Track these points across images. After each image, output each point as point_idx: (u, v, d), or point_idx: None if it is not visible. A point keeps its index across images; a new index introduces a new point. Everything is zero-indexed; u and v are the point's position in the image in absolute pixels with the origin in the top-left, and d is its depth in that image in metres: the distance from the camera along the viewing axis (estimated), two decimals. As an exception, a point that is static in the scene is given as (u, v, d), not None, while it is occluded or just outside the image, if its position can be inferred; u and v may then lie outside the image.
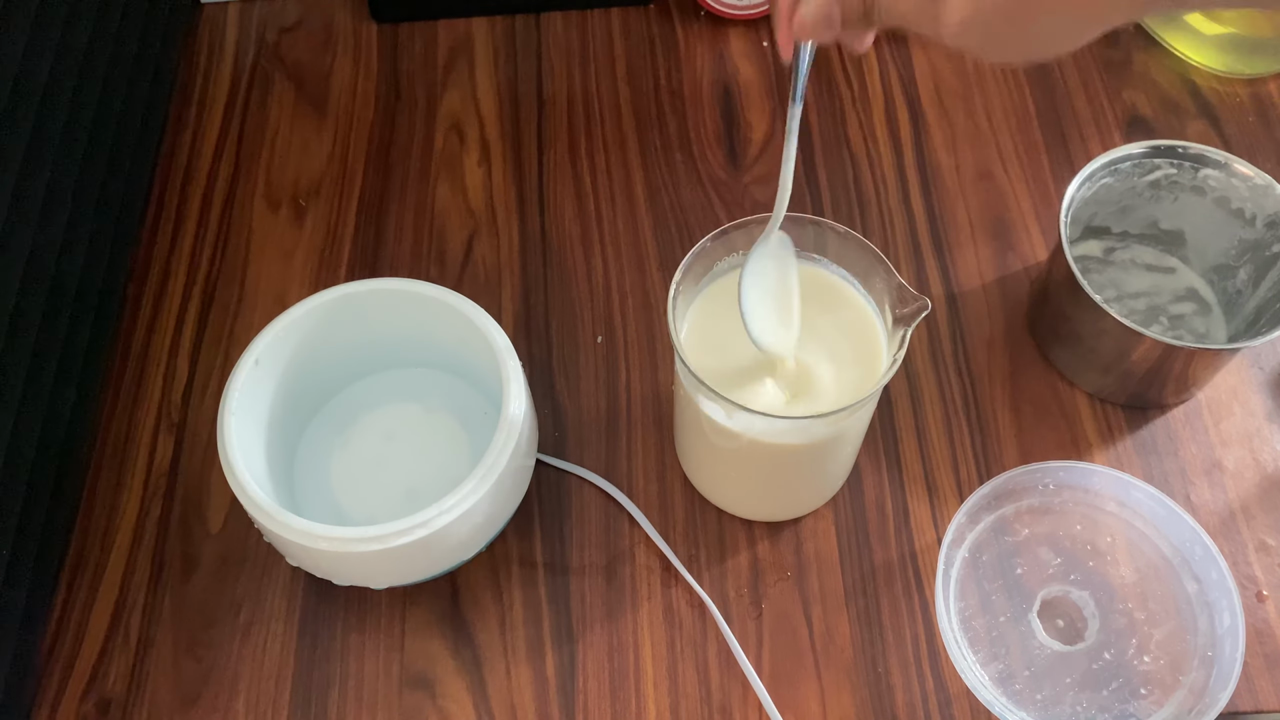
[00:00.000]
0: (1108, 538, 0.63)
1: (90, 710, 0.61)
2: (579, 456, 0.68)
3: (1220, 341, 0.70)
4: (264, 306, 0.74)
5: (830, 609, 0.63)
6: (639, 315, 0.73)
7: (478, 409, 0.67)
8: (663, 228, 0.76)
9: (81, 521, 0.66)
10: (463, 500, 0.55)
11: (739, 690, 0.60)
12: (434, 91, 0.83)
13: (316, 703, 0.61)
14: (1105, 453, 0.67)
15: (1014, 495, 0.64)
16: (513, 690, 0.61)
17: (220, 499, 0.67)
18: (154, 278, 0.75)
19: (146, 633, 0.63)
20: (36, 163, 0.63)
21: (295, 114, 0.83)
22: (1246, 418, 0.68)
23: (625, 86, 0.83)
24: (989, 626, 0.61)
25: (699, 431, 0.60)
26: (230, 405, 0.58)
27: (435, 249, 0.76)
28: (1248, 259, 0.68)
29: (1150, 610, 0.61)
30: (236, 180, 0.80)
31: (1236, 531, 0.65)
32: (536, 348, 0.72)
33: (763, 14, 0.85)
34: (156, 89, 0.81)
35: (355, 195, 0.79)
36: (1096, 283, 0.71)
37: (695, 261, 0.57)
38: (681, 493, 0.66)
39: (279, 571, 0.64)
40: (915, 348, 0.71)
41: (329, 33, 0.87)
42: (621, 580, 0.64)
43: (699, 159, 0.80)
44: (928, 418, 0.69)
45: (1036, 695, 0.59)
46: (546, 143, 0.81)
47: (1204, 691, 0.57)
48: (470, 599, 0.63)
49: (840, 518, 0.65)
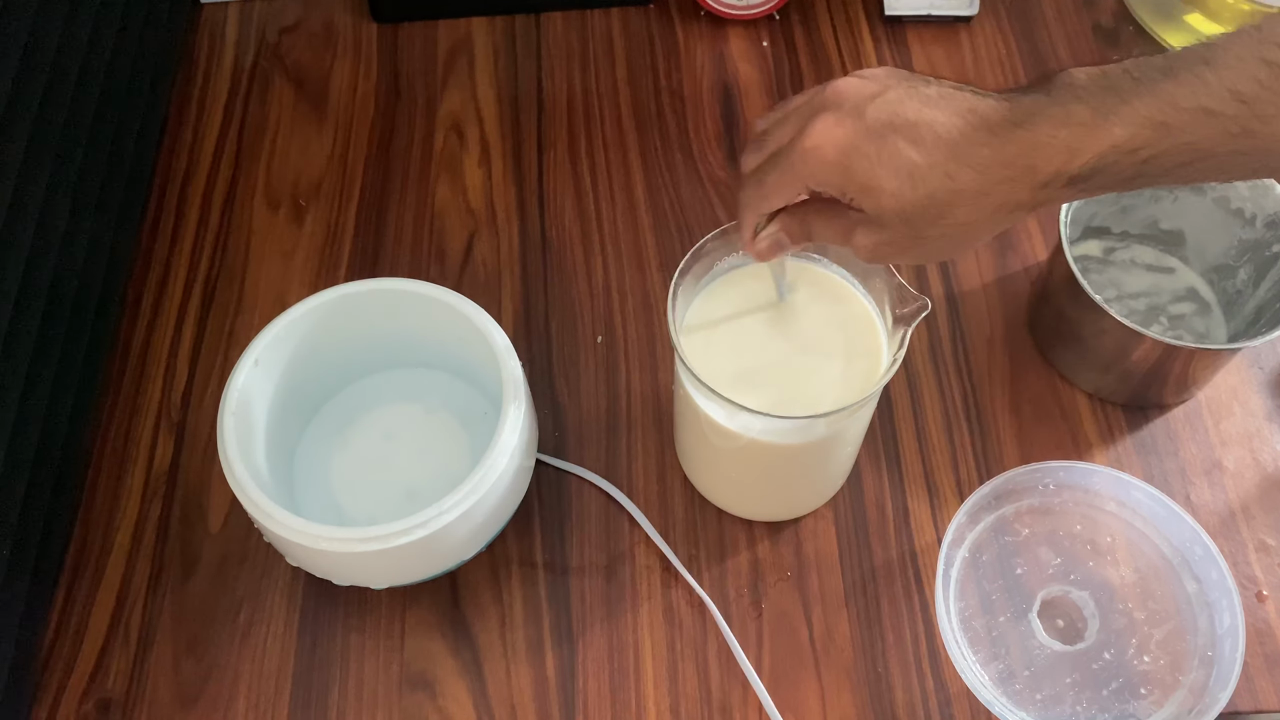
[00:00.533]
0: (1108, 538, 0.63)
1: (90, 710, 0.61)
2: (579, 456, 0.68)
3: (1220, 341, 0.70)
4: (264, 306, 0.74)
5: (830, 609, 0.63)
6: (639, 315, 0.73)
7: (478, 409, 0.67)
8: (663, 228, 0.76)
9: (81, 522, 0.66)
10: (463, 500, 0.55)
11: (739, 690, 0.60)
12: (434, 91, 0.83)
13: (316, 703, 0.61)
14: (1105, 453, 0.67)
15: (1014, 495, 0.64)
16: (513, 690, 0.61)
17: (220, 499, 0.67)
18: (154, 278, 0.75)
19: (146, 633, 0.63)
20: (36, 163, 0.63)
21: (295, 114, 0.83)
22: (1246, 418, 0.68)
23: (625, 86, 0.83)
24: (989, 626, 0.61)
25: (699, 431, 0.60)
26: (230, 405, 0.58)
27: (435, 249, 0.76)
28: (1248, 259, 0.68)
29: (1150, 610, 0.61)
30: (236, 180, 0.80)
31: (1236, 531, 0.65)
32: (536, 348, 0.72)
33: (763, 14, 0.85)
34: (157, 89, 0.81)
35: (355, 195, 0.79)
36: (1096, 283, 0.71)
37: (695, 261, 0.57)
38: (681, 493, 0.66)
39: (279, 571, 0.64)
40: (915, 348, 0.71)
41: (329, 33, 0.87)
42: (621, 580, 0.64)
43: (699, 159, 0.80)
44: (928, 418, 0.69)
45: (1036, 695, 0.59)
46: (546, 143, 0.81)
47: (1204, 691, 0.57)
48: (470, 599, 0.63)
49: (840, 518, 0.65)
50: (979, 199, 0.45)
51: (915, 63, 0.84)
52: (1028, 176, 0.44)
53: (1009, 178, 0.44)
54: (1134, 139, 0.42)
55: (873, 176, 0.45)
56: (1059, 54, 0.84)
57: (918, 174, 0.45)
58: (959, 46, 0.85)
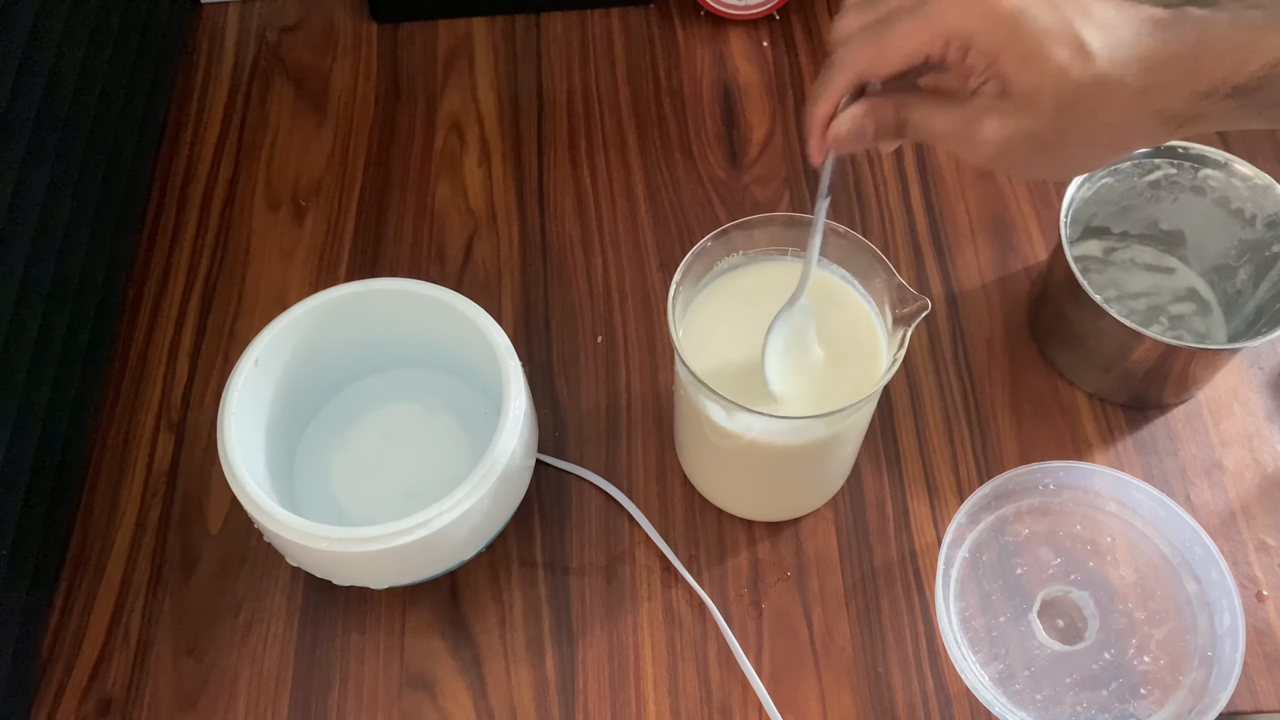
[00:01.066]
0: (1108, 538, 0.63)
1: (90, 710, 0.61)
2: (579, 456, 0.68)
3: (1220, 341, 0.70)
4: (264, 306, 0.74)
5: (830, 609, 0.63)
6: (639, 315, 0.73)
7: (478, 409, 0.67)
8: (663, 228, 0.76)
9: (81, 521, 0.66)
10: (463, 500, 0.55)
11: (739, 690, 0.60)
12: (434, 91, 0.83)
13: (316, 703, 0.61)
14: (1105, 453, 0.67)
15: (1014, 495, 0.64)
16: (513, 690, 0.61)
17: (220, 499, 0.67)
18: (154, 278, 0.75)
19: (146, 633, 0.63)
20: (37, 162, 0.63)
21: (295, 114, 0.83)
22: (1246, 418, 0.68)
23: (625, 86, 0.83)
24: (989, 626, 0.61)
25: (699, 431, 0.60)
26: (230, 405, 0.58)
27: (435, 249, 0.76)
28: (1248, 259, 0.68)
29: (1150, 610, 0.61)
30: (236, 180, 0.80)
31: (1236, 531, 0.65)
32: (536, 348, 0.72)
33: (763, 14, 0.85)
34: (156, 89, 0.81)
35: (355, 195, 0.79)
36: (1096, 283, 0.71)
37: (695, 261, 0.57)
38: (681, 493, 0.66)
39: (279, 571, 0.64)
40: (915, 348, 0.71)
41: (329, 33, 0.87)
42: (621, 580, 0.64)
43: (699, 159, 0.80)
44: (928, 418, 0.69)
45: (1036, 695, 0.59)
46: (546, 143, 0.81)
47: (1204, 691, 0.57)
48: (470, 599, 0.63)
49: (840, 518, 0.65)
50: (1139, 98, 0.41)
51: (915, 63, 0.84)
52: (1190, 80, 0.41)
53: (1172, 79, 0.41)
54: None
55: (1042, 44, 0.40)
56: (1059, 54, 0.84)
57: (1087, 53, 0.40)
58: (959, 46, 0.84)
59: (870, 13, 0.44)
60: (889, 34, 0.43)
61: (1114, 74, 0.41)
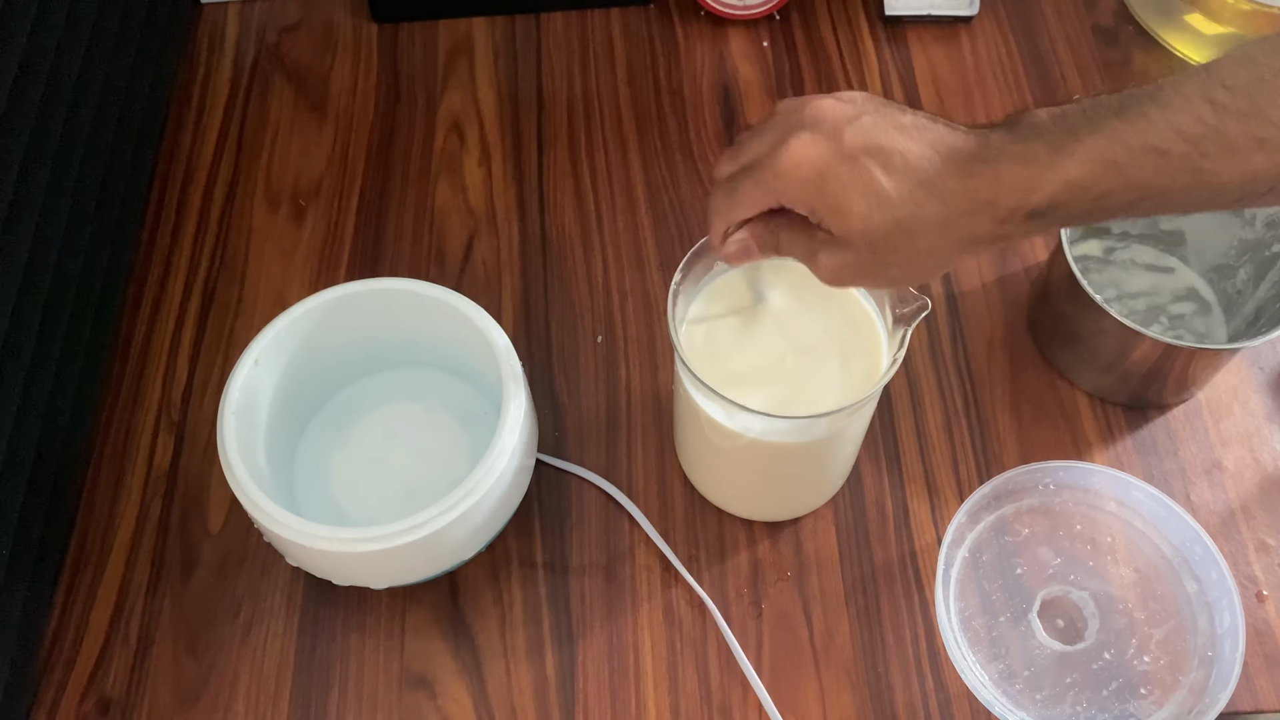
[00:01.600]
0: (1108, 538, 0.63)
1: (90, 710, 0.61)
2: (579, 456, 0.68)
3: (1220, 341, 0.70)
4: (264, 306, 0.74)
5: (830, 609, 0.63)
6: (639, 315, 0.73)
7: (478, 409, 0.67)
8: (663, 228, 0.76)
9: (81, 521, 0.66)
10: (463, 500, 0.55)
11: (739, 690, 0.60)
12: (434, 91, 0.83)
13: (316, 703, 0.61)
14: (1105, 453, 0.67)
15: (1014, 495, 0.64)
16: (513, 690, 0.61)
17: (220, 499, 0.67)
18: (154, 278, 0.75)
19: (146, 633, 0.63)
20: (36, 163, 0.63)
21: (295, 114, 0.83)
22: (1246, 418, 0.68)
23: (625, 86, 0.83)
24: (989, 626, 0.61)
25: (699, 431, 0.60)
26: (230, 405, 0.58)
27: (435, 249, 0.76)
28: (1248, 259, 0.68)
29: (1150, 610, 0.61)
30: (236, 180, 0.80)
31: (1236, 531, 0.65)
32: (536, 348, 0.72)
33: (763, 14, 0.85)
34: (156, 89, 0.81)
35: (355, 195, 0.79)
36: (1096, 283, 0.71)
37: (695, 261, 0.57)
38: (681, 493, 0.66)
39: (279, 571, 0.64)
40: (915, 348, 0.71)
41: (329, 33, 0.87)
42: (621, 580, 0.64)
43: (699, 159, 0.80)
44: (928, 418, 0.69)
45: (1036, 695, 0.59)
46: (546, 143, 0.81)
47: (1204, 691, 0.57)
48: (470, 599, 0.63)
49: (840, 518, 0.65)
50: (943, 229, 0.46)
51: (916, 63, 0.84)
52: (989, 210, 0.45)
53: (972, 210, 0.45)
54: (1087, 176, 0.43)
55: (843, 199, 0.46)
56: (1059, 54, 0.84)
57: (886, 200, 0.45)
58: (959, 46, 0.85)
59: (732, 165, 0.51)
60: (737, 194, 0.50)
61: (916, 214, 0.45)
